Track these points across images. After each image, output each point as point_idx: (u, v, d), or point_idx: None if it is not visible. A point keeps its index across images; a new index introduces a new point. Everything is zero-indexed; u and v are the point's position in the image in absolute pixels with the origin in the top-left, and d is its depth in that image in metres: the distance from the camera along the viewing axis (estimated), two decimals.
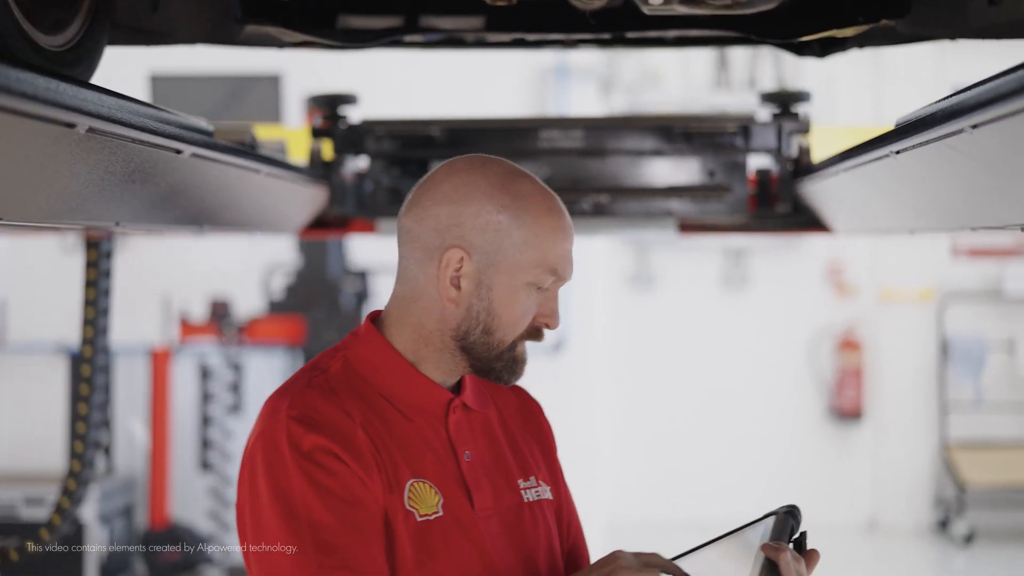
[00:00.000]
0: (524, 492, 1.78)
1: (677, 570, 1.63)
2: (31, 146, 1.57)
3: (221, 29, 2.45)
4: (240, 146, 2.53)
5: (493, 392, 1.85)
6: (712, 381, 8.38)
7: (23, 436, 7.36)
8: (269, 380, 7.24)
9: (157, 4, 2.39)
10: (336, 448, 1.62)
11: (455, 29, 2.63)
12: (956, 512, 7.93)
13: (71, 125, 1.58)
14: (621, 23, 2.60)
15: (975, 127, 1.60)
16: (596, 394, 7.81)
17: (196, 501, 7.17)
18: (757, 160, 3.29)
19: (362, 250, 7.08)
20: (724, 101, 7.94)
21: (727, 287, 8.42)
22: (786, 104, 3.20)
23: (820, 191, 2.96)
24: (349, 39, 2.56)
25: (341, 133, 3.24)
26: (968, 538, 7.81)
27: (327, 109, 3.25)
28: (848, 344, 8.22)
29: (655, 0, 2.19)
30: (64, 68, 2.06)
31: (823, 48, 2.71)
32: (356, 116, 3.31)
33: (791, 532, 1.69)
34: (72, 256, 7.02)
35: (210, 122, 2.28)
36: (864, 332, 8.30)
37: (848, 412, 8.23)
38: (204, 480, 7.14)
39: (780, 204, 3.25)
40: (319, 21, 2.53)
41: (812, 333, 8.36)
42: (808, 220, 3.28)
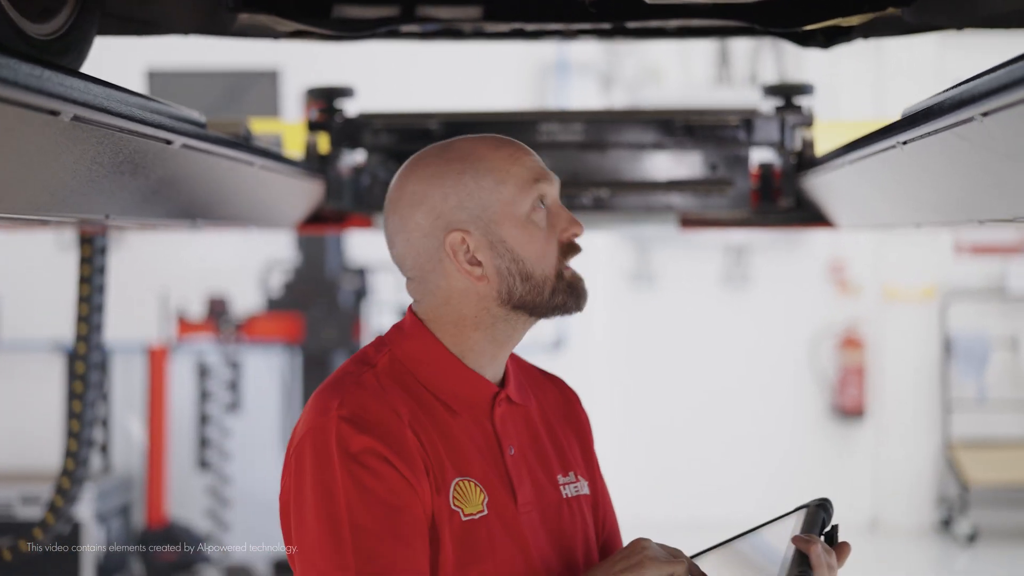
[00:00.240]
0: (563, 488, 1.78)
1: (696, 569, 1.63)
2: (14, 135, 1.53)
3: (214, 19, 2.41)
4: (234, 138, 2.49)
5: (533, 384, 1.85)
6: (713, 380, 8.34)
7: (19, 434, 7.33)
8: (267, 378, 7.21)
9: None
10: (385, 450, 1.61)
11: (452, 19, 2.59)
12: (959, 511, 7.89)
13: (55, 113, 1.54)
14: (621, 13, 2.56)
15: (986, 115, 1.56)
16: (596, 393, 7.77)
17: (194, 500, 7.14)
18: (760, 154, 3.25)
19: (361, 247, 7.04)
20: (725, 97, 7.89)
21: (728, 285, 8.38)
22: (789, 97, 3.15)
23: (824, 185, 2.92)
24: (344, 29, 2.51)
25: (338, 126, 3.20)
26: (971, 538, 7.77)
27: (323, 102, 3.21)
28: (850, 342, 8.18)
29: None
30: (52, 57, 2.01)
31: (827, 38, 2.66)
32: (353, 109, 3.27)
33: (822, 525, 1.69)
34: (68, 253, 6.99)
35: (202, 114, 2.24)
36: (866, 330, 8.26)
37: (850, 411, 8.19)
38: (202, 479, 7.11)
39: (783, 198, 3.20)
40: (314, 10, 2.49)
41: (813, 331, 8.32)
42: (811, 215, 3.24)
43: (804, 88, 3.17)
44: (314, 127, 3.22)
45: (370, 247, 6.94)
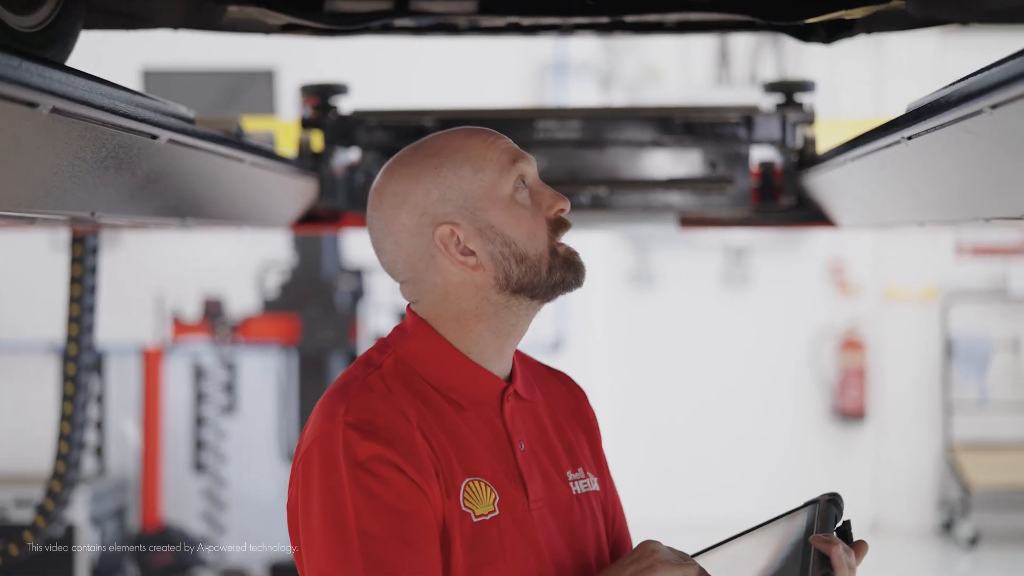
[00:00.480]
0: (573, 484, 1.76)
1: (705, 573, 1.61)
2: None
3: (202, 12, 2.36)
4: (224, 135, 2.43)
5: (539, 380, 1.84)
6: (712, 380, 8.30)
7: (14, 436, 7.28)
8: (263, 380, 7.16)
9: None
10: (394, 456, 1.59)
11: (447, 13, 2.54)
12: (960, 514, 7.85)
13: (33, 104, 1.50)
14: (619, 6, 2.50)
15: (995, 107, 1.52)
16: (596, 393, 7.70)
17: (189, 502, 7.10)
18: (760, 152, 3.20)
19: (357, 248, 7.00)
20: (725, 97, 7.84)
21: (728, 286, 8.34)
22: (790, 93, 3.10)
23: (826, 183, 2.87)
24: (337, 22, 2.46)
25: (331, 124, 3.15)
26: (973, 540, 7.73)
27: (317, 99, 3.15)
28: (850, 344, 8.13)
29: None
30: (35, 50, 1.97)
31: (829, 33, 2.61)
32: (347, 107, 3.22)
33: (835, 521, 1.64)
34: (62, 253, 6.94)
35: (191, 110, 2.19)
36: (867, 331, 8.21)
37: (850, 412, 8.15)
38: (197, 481, 7.06)
39: (784, 197, 3.16)
40: (305, 3, 2.44)
41: (814, 332, 8.27)
42: (813, 213, 3.19)
43: (805, 85, 3.12)
44: (308, 124, 3.17)
45: (366, 248, 6.88)
